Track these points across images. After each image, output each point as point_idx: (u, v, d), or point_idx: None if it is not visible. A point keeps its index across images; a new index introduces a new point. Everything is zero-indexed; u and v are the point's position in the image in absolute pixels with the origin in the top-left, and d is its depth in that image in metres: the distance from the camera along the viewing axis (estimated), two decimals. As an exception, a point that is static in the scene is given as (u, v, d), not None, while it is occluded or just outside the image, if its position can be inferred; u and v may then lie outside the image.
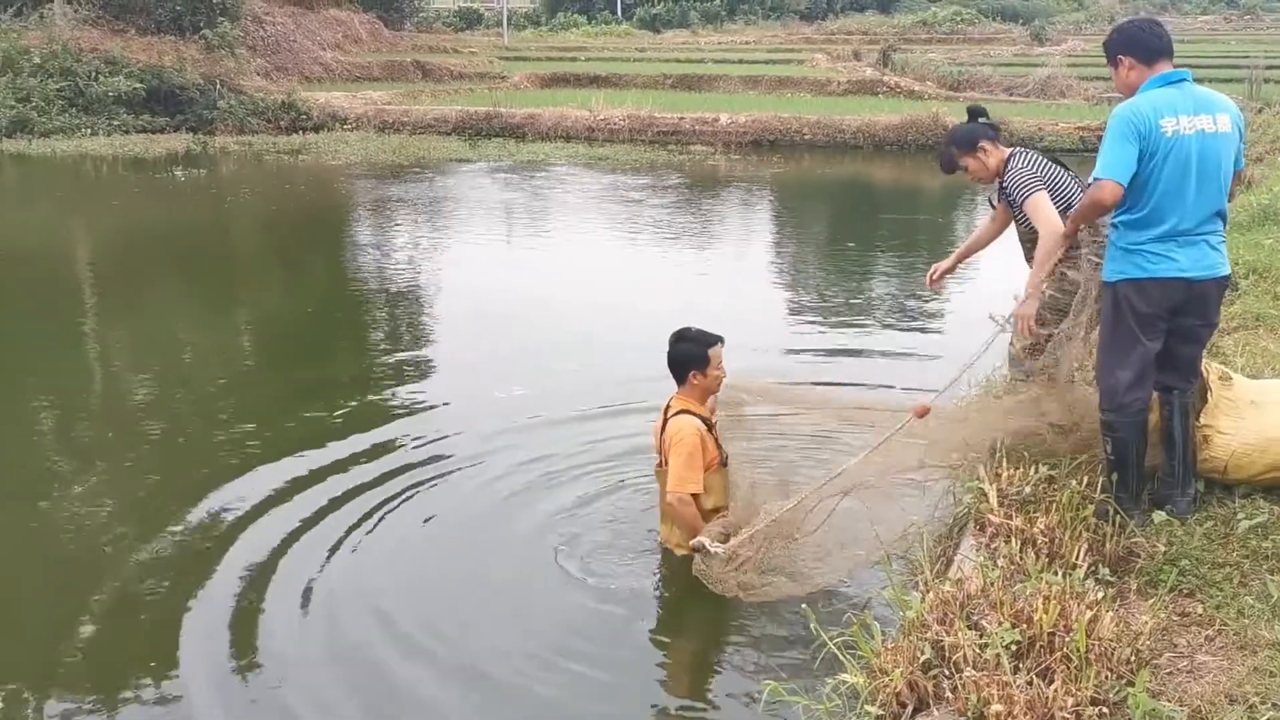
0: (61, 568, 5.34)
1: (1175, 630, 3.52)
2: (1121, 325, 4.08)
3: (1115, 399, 4.10)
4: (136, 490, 6.19)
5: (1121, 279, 4.07)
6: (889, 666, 3.30)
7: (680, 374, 5.01)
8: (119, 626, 4.78)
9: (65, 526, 5.75)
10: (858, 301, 10.54)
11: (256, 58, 27.71)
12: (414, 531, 5.58)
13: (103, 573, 5.22)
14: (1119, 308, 4.08)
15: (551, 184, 18.17)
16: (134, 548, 5.42)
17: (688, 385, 5.00)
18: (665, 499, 4.98)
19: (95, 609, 4.91)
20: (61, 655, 4.54)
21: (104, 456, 6.67)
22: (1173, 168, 3.93)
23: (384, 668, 4.40)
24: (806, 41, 45.29)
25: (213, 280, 12.17)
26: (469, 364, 8.44)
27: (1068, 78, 28.09)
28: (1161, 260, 3.99)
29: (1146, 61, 4.11)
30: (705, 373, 4.96)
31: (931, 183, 19.42)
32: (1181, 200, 3.96)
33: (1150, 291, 4.02)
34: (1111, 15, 59.00)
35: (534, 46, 42.70)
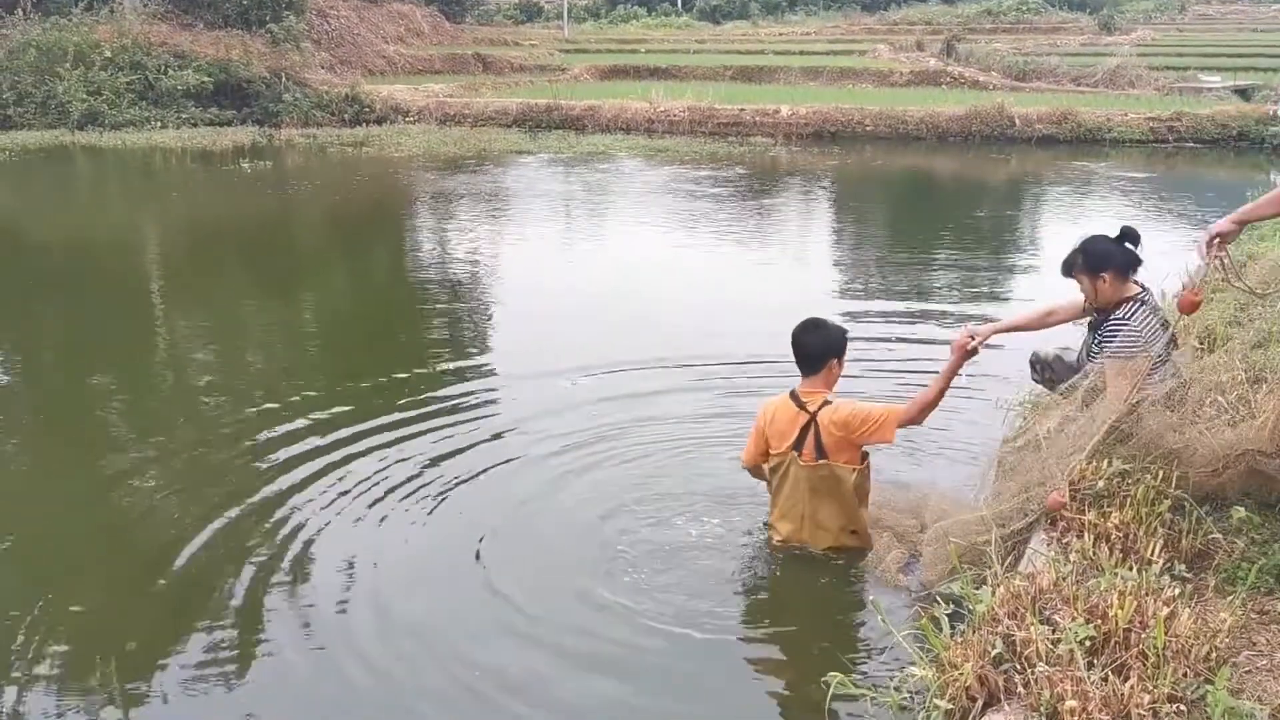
0: (122, 544, 5.50)
1: (1254, 628, 3.44)
2: None
3: None
4: (204, 468, 6.30)
5: None
6: (959, 660, 3.26)
7: (819, 363, 4.92)
8: (183, 598, 4.87)
9: (125, 506, 5.88)
10: (918, 293, 10.41)
11: (321, 51, 28.06)
12: (486, 522, 5.58)
13: (170, 544, 5.34)
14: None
15: (613, 176, 18.20)
16: (198, 527, 5.53)
17: (822, 375, 4.93)
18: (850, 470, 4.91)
19: (160, 586, 5.03)
20: (129, 627, 4.65)
21: (169, 435, 6.80)
22: None
23: (473, 655, 4.44)
24: (868, 32, 44.83)
25: (278, 270, 12.37)
26: (534, 353, 8.43)
27: (1137, 67, 27.52)
28: None
29: None
30: (842, 360, 4.96)
31: (995, 175, 19.19)
32: None
33: None
34: (1182, 4, 57.80)
35: (594, 39, 42.77)
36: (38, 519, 5.79)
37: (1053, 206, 16.06)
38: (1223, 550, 3.87)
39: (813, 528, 4.97)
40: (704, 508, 5.58)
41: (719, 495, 5.69)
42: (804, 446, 4.90)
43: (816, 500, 4.94)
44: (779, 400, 5.07)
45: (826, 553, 4.96)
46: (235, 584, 5.00)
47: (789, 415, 4.97)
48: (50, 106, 22.94)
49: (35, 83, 23.28)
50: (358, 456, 6.36)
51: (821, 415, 4.87)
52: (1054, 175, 18.52)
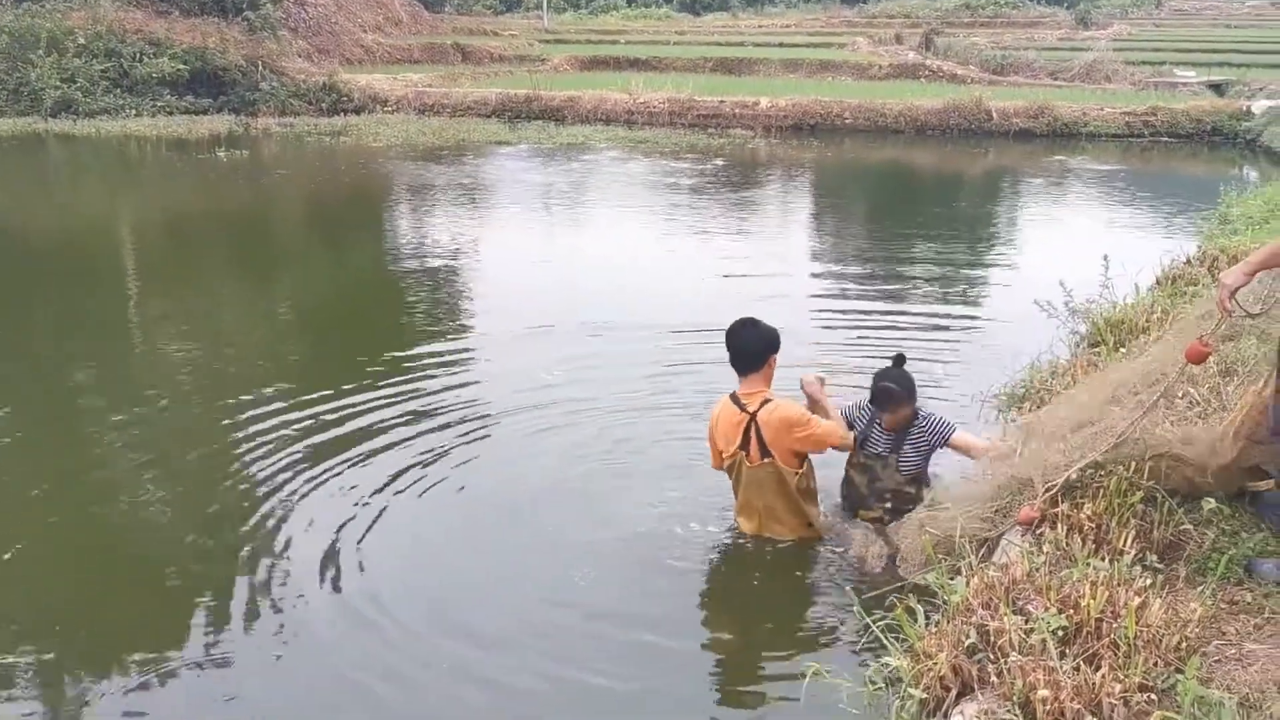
0: (103, 536, 5.45)
1: (1224, 618, 3.48)
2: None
3: None
4: (185, 457, 6.27)
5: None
6: (933, 650, 3.30)
7: (759, 360, 4.93)
8: (165, 593, 4.86)
9: (104, 496, 5.85)
10: (895, 284, 10.46)
11: (298, 39, 27.90)
12: (459, 514, 5.59)
13: (146, 540, 5.33)
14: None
15: (592, 167, 18.18)
16: (180, 517, 5.51)
17: (761, 372, 4.94)
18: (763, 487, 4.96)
19: (141, 577, 5.02)
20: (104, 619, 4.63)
21: (148, 426, 6.75)
22: None
23: (431, 651, 4.44)
24: (848, 25, 44.96)
25: (255, 259, 12.30)
26: (512, 345, 8.45)
27: (1113, 62, 27.71)
28: None
29: None
30: (774, 361, 4.96)
31: (973, 169, 19.28)
32: None
33: None
34: (1158, 0, 58.15)
35: (573, 29, 42.68)
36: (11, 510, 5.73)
37: (1030, 200, 16.16)
38: (1193, 541, 3.91)
39: (771, 523, 5.03)
40: (677, 498, 5.61)
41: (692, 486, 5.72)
42: (749, 447, 4.93)
43: (770, 497, 4.97)
44: (722, 403, 5.08)
45: (787, 545, 4.99)
46: (219, 576, 4.97)
47: (731, 418, 4.98)
48: (23, 94, 22.70)
49: (8, 70, 23.03)
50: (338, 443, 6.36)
51: (760, 414, 4.88)
52: (1031, 169, 18.63)
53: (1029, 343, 7.11)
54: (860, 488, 5.21)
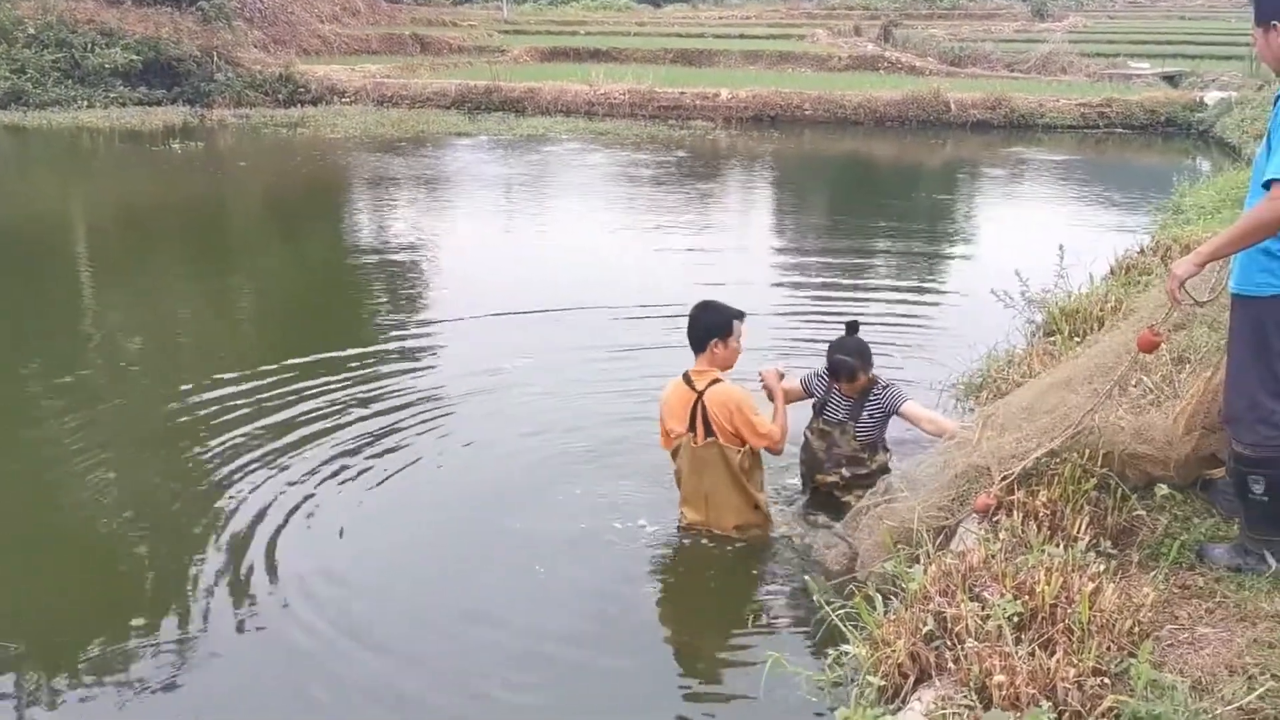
0: (56, 531, 5.39)
1: (1176, 602, 3.53)
2: (1272, 346, 3.54)
3: (1270, 433, 3.54)
4: (146, 459, 6.19)
5: (1278, 292, 3.51)
6: (891, 638, 3.32)
7: (701, 341, 4.98)
8: (118, 585, 4.81)
9: (59, 491, 5.78)
10: (854, 274, 10.52)
11: (253, 30, 27.55)
12: (411, 510, 5.55)
13: (93, 533, 5.28)
14: (1267, 325, 3.53)
15: (553, 158, 18.13)
16: (133, 513, 5.44)
17: (708, 354, 4.97)
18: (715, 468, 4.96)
19: (95, 573, 4.96)
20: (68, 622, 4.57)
21: (100, 418, 6.68)
22: None
23: (386, 652, 4.41)
24: (807, 17, 45.02)
25: (211, 251, 12.15)
26: (472, 336, 8.44)
27: (1069, 54, 27.99)
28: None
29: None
30: (726, 343, 4.95)
31: (931, 160, 19.41)
32: None
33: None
34: (1112, -8, 58.69)
35: (533, 20, 42.47)
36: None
37: (987, 191, 16.30)
38: (1146, 527, 3.97)
39: (714, 508, 5.02)
40: (629, 488, 5.63)
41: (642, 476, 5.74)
42: (696, 426, 4.96)
43: (712, 480, 4.98)
44: (674, 382, 5.12)
45: (733, 531, 4.99)
46: (173, 571, 4.92)
47: (680, 396, 5.03)
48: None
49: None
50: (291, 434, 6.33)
51: (708, 394, 4.92)
52: (988, 160, 18.79)
53: (986, 332, 7.18)
54: (818, 453, 5.31)
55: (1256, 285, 3.53)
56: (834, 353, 5.27)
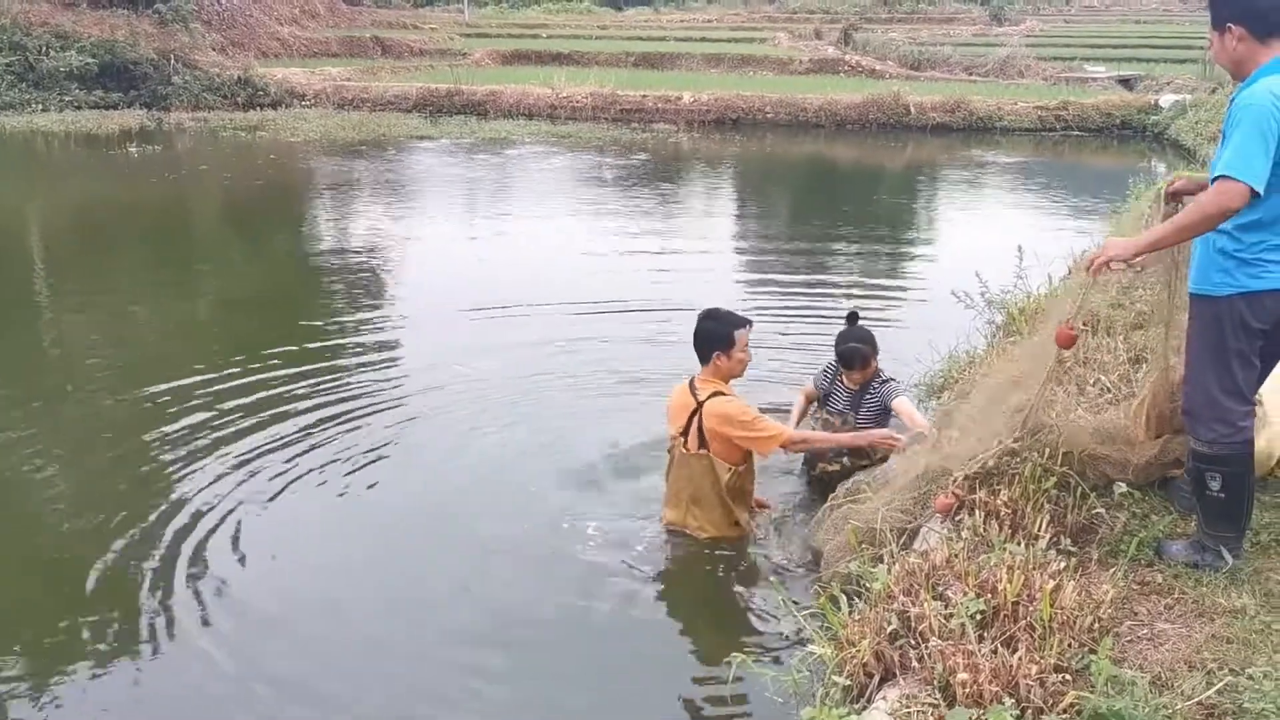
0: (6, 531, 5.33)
1: (1135, 599, 3.57)
2: (1228, 345, 3.56)
3: (1227, 429, 3.59)
4: (98, 461, 6.12)
5: (1236, 292, 3.53)
6: (856, 638, 3.34)
7: (704, 353, 4.95)
8: (70, 588, 4.73)
9: (11, 490, 5.72)
10: (816, 275, 10.57)
11: (212, 33, 27.29)
12: (391, 512, 5.54)
13: (58, 539, 5.22)
14: (1223, 325, 3.56)
15: (516, 161, 18.08)
16: (92, 519, 5.37)
17: (711, 365, 4.94)
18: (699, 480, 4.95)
19: (47, 575, 4.90)
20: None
21: (58, 427, 6.58)
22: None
23: (357, 640, 4.38)
24: (768, 20, 45.22)
25: (168, 255, 11.99)
26: (430, 335, 8.44)
27: (1026, 58, 28.30)
28: (1277, 269, 3.51)
29: (1262, 36, 3.52)
30: (729, 354, 4.91)
31: (892, 162, 19.55)
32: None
33: (1264, 305, 3.53)
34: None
35: (495, 23, 42.38)
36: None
37: (947, 193, 16.44)
38: (1105, 524, 4.01)
39: (694, 516, 5.01)
40: (592, 487, 5.66)
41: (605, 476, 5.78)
42: (689, 434, 4.94)
43: (697, 489, 4.97)
44: (681, 385, 5.11)
45: (705, 538, 4.98)
46: (126, 573, 4.87)
47: (682, 401, 5.01)
48: (-77, 88, 21.92)
49: (-94, 63, 22.21)
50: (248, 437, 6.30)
51: (707, 405, 4.89)
52: (948, 162, 18.95)
53: (947, 333, 7.24)
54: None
55: (1213, 285, 3.57)
56: (843, 342, 5.35)
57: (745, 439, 4.86)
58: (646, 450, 5.97)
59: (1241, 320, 3.53)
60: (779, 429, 4.91)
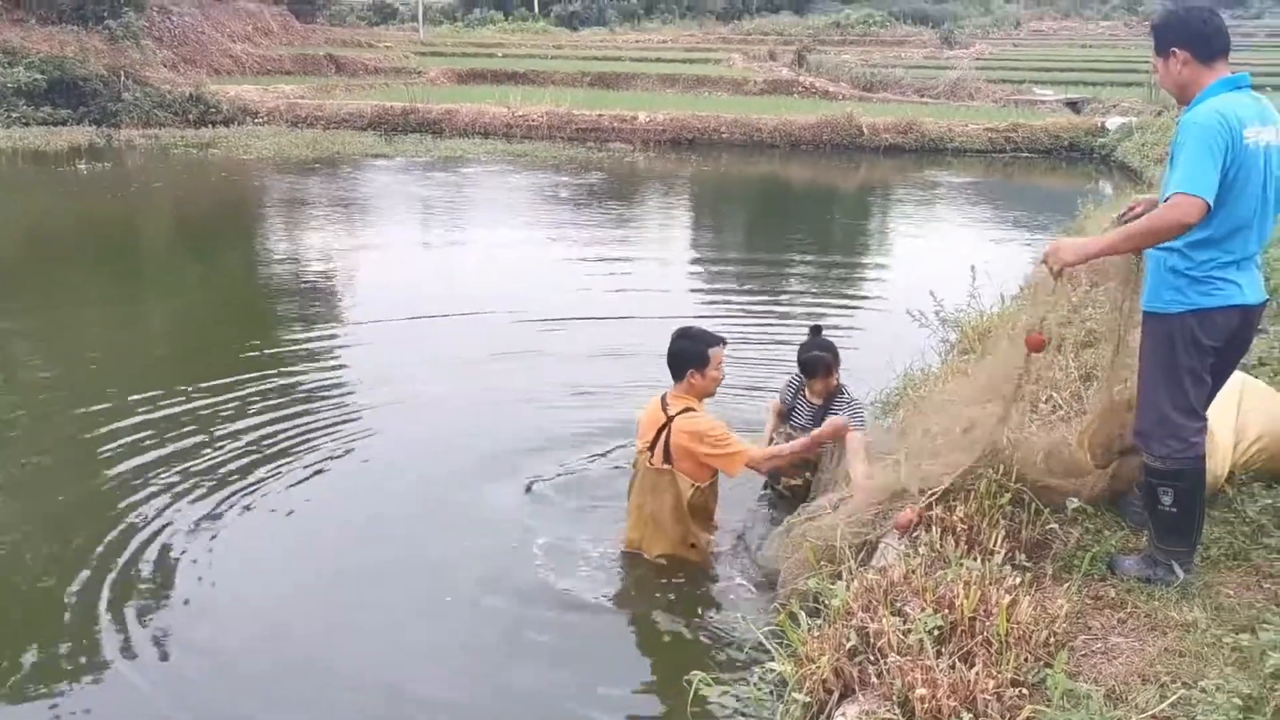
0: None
1: (1089, 613, 3.62)
2: (1180, 362, 3.61)
3: (1179, 445, 3.63)
4: (38, 482, 6.00)
5: (1188, 309, 3.58)
6: (815, 654, 3.35)
7: (678, 371, 4.96)
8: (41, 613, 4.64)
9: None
10: (771, 295, 10.64)
11: (163, 49, 27.03)
12: (338, 532, 5.48)
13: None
14: (1176, 342, 3.60)
15: (471, 179, 18.05)
16: (30, 543, 5.27)
17: (685, 383, 4.95)
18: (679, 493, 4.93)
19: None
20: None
21: (4, 439, 6.49)
22: (1254, 184, 3.52)
23: (301, 667, 4.33)
24: (723, 41, 45.63)
25: (116, 273, 11.83)
26: (383, 353, 8.39)
27: (976, 80, 28.75)
28: (1226, 286, 3.57)
29: (1205, 59, 3.60)
30: (704, 373, 4.92)
31: (846, 183, 19.75)
32: (1260, 220, 3.58)
33: (1215, 322, 3.58)
34: (1017, 21, 60.60)
35: (450, 42, 42.34)
36: None
37: (901, 213, 16.62)
38: (1059, 540, 4.06)
39: (651, 532, 5.00)
40: (544, 506, 5.65)
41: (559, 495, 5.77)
42: (656, 449, 4.94)
43: (658, 504, 4.96)
44: (655, 399, 5.12)
45: (660, 559, 4.97)
46: (71, 593, 4.79)
47: (653, 416, 5.02)
48: None
49: None
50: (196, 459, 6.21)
51: (677, 421, 4.89)
52: (901, 182, 19.17)
53: (902, 351, 7.30)
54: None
55: (1165, 303, 3.63)
56: (806, 351, 5.34)
57: (713, 456, 4.87)
58: (600, 467, 5.99)
59: (1193, 337, 3.58)
60: (746, 447, 4.91)
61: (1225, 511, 4.22)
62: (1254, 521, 4.09)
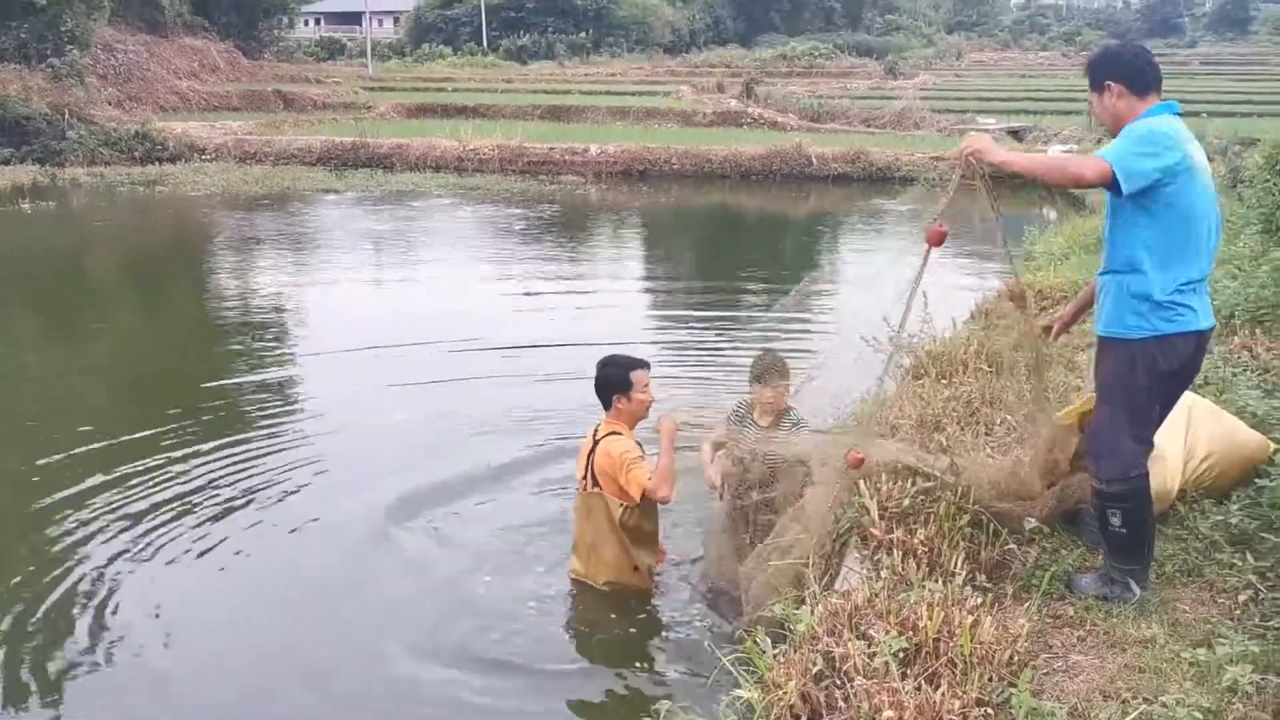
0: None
1: (1050, 632, 3.66)
2: (1137, 386, 3.68)
3: (1127, 468, 3.71)
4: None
5: (1149, 335, 3.63)
6: (782, 680, 3.35)
7: (605, 398, 5.02)
8: None
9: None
10: (725, 324, 10.70)
11: (108, 87, 26.81)
12: (288, 567, 5.45)
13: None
14: (1136, 367, 3.66)
15: (423, 214, 18.01)
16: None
17: (614, 410, 5.00)
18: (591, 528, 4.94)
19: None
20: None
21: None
22: (1202, 208, 3.61)
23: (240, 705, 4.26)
24: (671, 74, 46.00)
25: (61, 314, 11.63)
26: (345, 392, 8.32)
27: (921, 110, 29.20)
28: (1186, 312, 3.62)
29: (1139, 92, 3.72)
30: (629, 396, 4.97)
31: (796, 211, 19.94)
32: (1207, 243, 3.66)
33: (1174, 347, 3.64)
34: (958, 52, 61.76)
35: (399, 77, 42.30)
36: None
37: (850, 240, 16.82)
38: (1018, 560, 4.11)
39: (594, 560, 5.02)
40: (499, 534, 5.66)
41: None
42: (587, 474, 4.99)
43: (596, 529, 4.99)
44: (590, 429, 5.15)
45: (604, 587, 4.98)
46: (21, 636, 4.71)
47: (586, 444, 5.08)
48: None
49: None
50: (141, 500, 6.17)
51: (600, 445, 4.96)
52: (850, 210, 19.39)
53: (857, 377, 7.35)
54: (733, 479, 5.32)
55: (1127, 328, 3.67)
56: (761, 360, 5.34)
57: (620, 477, 4.88)
58: (549, 496, 5.98)
59: (1154, 363, 3.64)
60: (643, 479, 4.82)
61: (1178, 529, 4.29)
62: (1206, 538, 4.17)
